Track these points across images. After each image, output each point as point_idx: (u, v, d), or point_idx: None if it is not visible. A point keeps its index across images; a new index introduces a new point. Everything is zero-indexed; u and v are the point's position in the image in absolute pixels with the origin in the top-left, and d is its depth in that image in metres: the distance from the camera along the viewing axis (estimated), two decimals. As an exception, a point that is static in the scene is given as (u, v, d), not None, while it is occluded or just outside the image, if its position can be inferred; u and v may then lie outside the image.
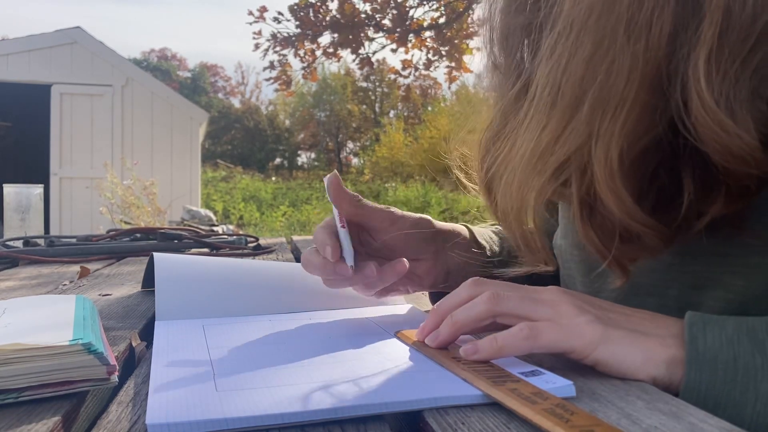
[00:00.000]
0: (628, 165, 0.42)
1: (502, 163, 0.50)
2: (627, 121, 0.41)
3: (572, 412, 0.34)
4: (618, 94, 0.40)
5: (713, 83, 0.39)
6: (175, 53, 33.07)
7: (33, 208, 1.54)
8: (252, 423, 0.34)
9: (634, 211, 0.42)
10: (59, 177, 7.97)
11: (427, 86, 19.16)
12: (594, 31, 0.41)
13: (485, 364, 0.43)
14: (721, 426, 0.34)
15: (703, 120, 0.39)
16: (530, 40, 0.48)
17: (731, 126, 0.38)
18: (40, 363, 0.37)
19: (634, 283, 0.51)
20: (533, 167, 0.45)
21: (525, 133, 0.46)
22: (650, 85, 0.40)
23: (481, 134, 0.58)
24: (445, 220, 0.70)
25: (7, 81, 7.91)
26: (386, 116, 25.60)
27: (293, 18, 7.33)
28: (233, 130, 25.15)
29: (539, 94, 0.45)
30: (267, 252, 1.30)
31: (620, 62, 0.40)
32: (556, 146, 0.44)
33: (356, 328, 0.57)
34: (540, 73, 0.44)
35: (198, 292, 0.64)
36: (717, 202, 0.43)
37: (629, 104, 0.40)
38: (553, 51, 0.43)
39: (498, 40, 0.52)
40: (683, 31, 0.40)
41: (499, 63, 0.53)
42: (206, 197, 12.04)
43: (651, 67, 0.40)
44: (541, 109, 0.45)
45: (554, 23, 0.44)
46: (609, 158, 0.41)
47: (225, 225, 7.23)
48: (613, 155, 0.41)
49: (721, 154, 0.40)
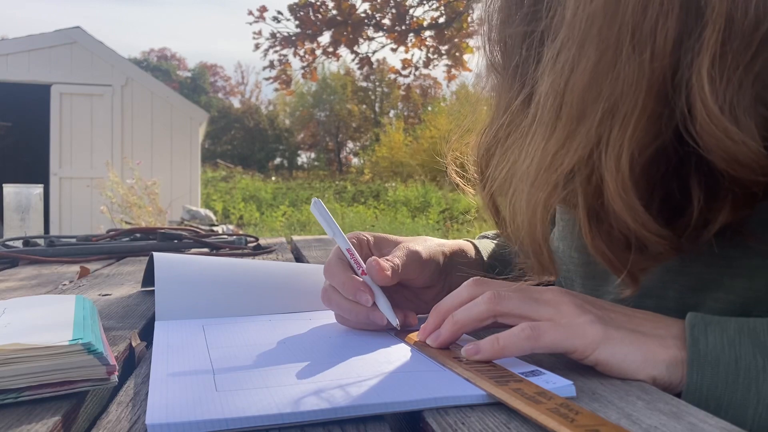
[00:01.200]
0: (638, 174, 0.42)
1: (507, 177, 0.49)
2: (636, 130, 0.40)
3: (577, 411, 0.34)
4: (626, 103, 0.40)
5: (717, 90, 0.38)
6: (175, 53, 33.12)
7: (33, 208, 1.54)
8: (252, 423, 0.34)
9: (646, 221, 0.42)
10: (59, 177, 7.98)
11: (427, 86, 19.17)
12: (597, 41, 0.40)
13: (487, 364, 0.43)
14: (721, 426, 0.34)
15: (708, 128, 0.39)
16: (531, 47, 0.48)
17: (736, 133, 0.38)
18: (40, 363, 0.37)
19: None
20: (540, 180, 0.45)
21: (530, 145, 0.46)
22: (656, 93, 0.40)
23: (478, 137, 0.57)
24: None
25: (7, 81, 7.91)
26: (386, 116, 25.61)
27: (293, 17, 7.33)
28: (233, 130, 25.15)
29: (543, 105, 0.44)
30: (267, 252, 1.30)
31: (626, 72, 0.40)
32: (562, 157, 0.43)
33: (355, 328, 0.57)
34: (543, 84, 0.44)
35: (198, 292, 0.64)
36: (724, 209, 0.43)
37: (637, 113, 0.40)
38: (555, 61, 0.43)
39: (496, 41, 0.52)
40: (687, 38, 0.40)
41: (496, 64, 0.52)
42: (206, 197, 12.05)
43: (657, 75, 0.40)
44: (545, 120, 0.44)
45: (556, 32, 0.43)
46: (620, 168, 0.41)
47: (225, 225, 7.23)
48: (623, 165, 0.41)
49: (727, 162, 0.40)
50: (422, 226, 10.02)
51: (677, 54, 0.40)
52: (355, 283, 0.54)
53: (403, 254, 0.58)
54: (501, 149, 0.51)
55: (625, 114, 0.40)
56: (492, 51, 0.52)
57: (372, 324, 0.55)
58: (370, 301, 0.54)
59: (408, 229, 9.76)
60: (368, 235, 0.62)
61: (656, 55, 0.39)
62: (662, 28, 0.39)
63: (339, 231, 0.57)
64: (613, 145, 0.41)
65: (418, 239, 0.63)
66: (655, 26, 0.39)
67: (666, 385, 0.41)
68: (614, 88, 0.40)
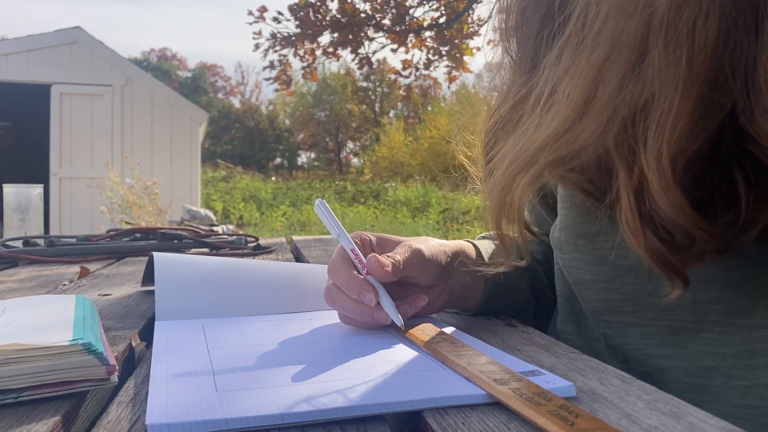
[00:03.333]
0: (682, 172, 0.41)
1: (499, 161, 0.50)
2: (675, 130, 0.40)
3: (577, 414, 0.34)
4: (660, 103, 0.40)
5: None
6: (175, 53, 33.09)
7: (33, 208, 1.53)
8: (252, 423, 0.34)
9: (694, 217, 0.42)
10: (59, 177, 7.97)
11: (427, 86, 19.16)
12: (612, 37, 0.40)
13: (488, 363, 0.43)
14: (722, 426, 0.34)
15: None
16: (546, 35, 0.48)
17: None
18: (39, 363, 0.37)
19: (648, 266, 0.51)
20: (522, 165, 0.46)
21: (523, 130, 0.46)
22: (697, 94, 0.40)
23: (486, 121, 0.57)
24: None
25: (7, 81, 7.91)
26: (386, 116, 25.61)
27: (293, 18, 7.33)
28: (233, 130, 25.15)
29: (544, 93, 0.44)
30: (267, 252, 1.30)
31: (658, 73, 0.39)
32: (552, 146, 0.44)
33: (356, 328, 0.57)
34: (547, 74, 0.44)
35: (198, 292, 0.64)
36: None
37: (674, 114, 0.39)
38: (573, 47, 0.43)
39: (513, 29, 0.52)
40: (743, 32, 0.39)
41: (511, 50, 0.53)
42: (206, 197, 12.04)
43: (698, 76, 0.39)
44: (539, 109, 0.44)
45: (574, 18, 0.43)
46: (662, 167, 0.40)
47: (225, 225, 7.22)
48: (665, 164, 0.40)
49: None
50: (422, 226, 10.01)
51: (723, 54, 0.39)
52: (359, 283, 0.55)
53: (404, 251, 0.58)
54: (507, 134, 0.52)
55: (661, 113, 0.40)
56: (508, 38, 0.53)
57: (376, 323, 0.55)
58: (374, 301, 0.54)
59: (408, 229, 9.76)
60: (371, 235, 0.62)
61: (695, 56, 0.39)
62: (702, 29, 0.38)
63: (343, 231, 0.57)
64: (651, 146, 0.40)
65: (420, 239, 0.63)
66: (693, 26, 0.38)
67: None
68: (643, 88, 0.40)
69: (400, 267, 0.56)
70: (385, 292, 0.55)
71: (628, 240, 0.45)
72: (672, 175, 0.41)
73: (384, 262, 0.55)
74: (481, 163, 0.59)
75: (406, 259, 0.57)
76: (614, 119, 0.41)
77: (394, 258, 0.57)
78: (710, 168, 0.43)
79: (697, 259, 0.45)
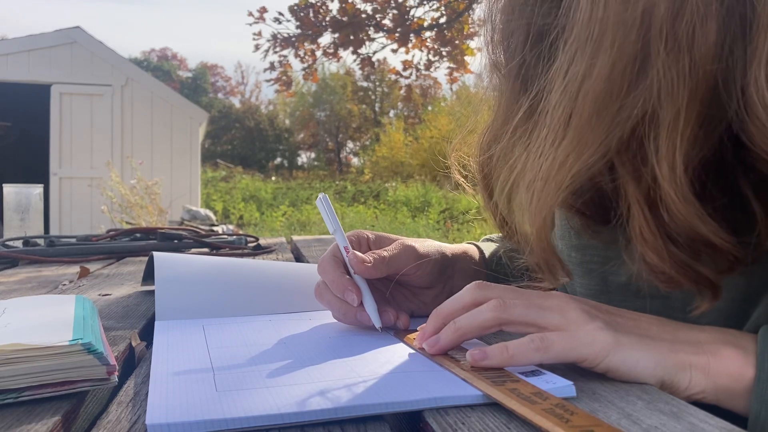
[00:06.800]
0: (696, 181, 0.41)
1: (514, 183, 0.48)
2: (684, 137, 0.39)
3: (572, 412, 0.34)
4: (667, 111, 0.39)
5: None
6: (176, 53, 33.06)
7: (33, 208, 1.53)
8: (252, 423, 0.34)
9: (715, 228, 0.41)
10: (59, 177, 7.98)
11: (428, 86, 19.15)
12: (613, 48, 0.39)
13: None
14: (722, 426, 0.34)
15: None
16: (535, 47, 0.47)
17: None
18: (39, 363, 0.37)
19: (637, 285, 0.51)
20: (549, 188, 0.43)
21: (537, 151, 0.44)
22: (702, 99, 0.39)
23: (480, 137, 0.57)
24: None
25: (6, 81, 7.91)
26: (386, 116, 25.61)
27: (293, 18, 7.32)
28: (233, 130, 25.15)
29: (553, 110, 0.43)
30: (267, 252, 1.30)
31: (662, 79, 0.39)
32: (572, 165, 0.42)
33: (356, 328, 0.57)
34: (554, 89, 0.43)
35: (198, 292, 0.64)
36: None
37: (683, 120, 0.39)
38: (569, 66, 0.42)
39: (499, 41, 0.51)
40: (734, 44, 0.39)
41: (499, 64, 0.52)
42: (206, 197, 12.04)
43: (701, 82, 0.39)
44: (555, 126, 0.43)
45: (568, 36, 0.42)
46: (676, 176, 0.40)
47: (225, 225, 7.23)
48: (680, 173, 0.40)
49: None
50: (422, 226, 10.01)
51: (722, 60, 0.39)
52: (344, 282, 0.55)
53: (394, 248, 0.58)
54: (503, 152, 0.51)
55: (669, 122, 0.39)
56: (495, 51, 0.52)
57: (359, 323, 0.55)
58: (356, 301, 0.54)
59: (408, 229, 9.76)
60: (369, 233, 0.62)
61: (698, 61, 0.38)
62: (701, 34, 0.38)
63: (340, 228, 0.57)
64: (663, 153, 0.40)
65: (419, 239, 0.63)
66: (693, 32, 0.38)
67: (672, 389, 0.41)
68: (648, 96, 0.39)
69: (386, 262, 0.56)
70: (369, 293, 0.55)
71: (648, 257, 0.43)
72: (688, 184, 0.40)
73: (364, 258, 0.55)
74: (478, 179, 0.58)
75: (394, 255, 0.57)
76: (618, 131, 0.41)
77: (379, 254, 0.57)
78: (717, 179, 0.43)
79: (728, 270, 0.43)
